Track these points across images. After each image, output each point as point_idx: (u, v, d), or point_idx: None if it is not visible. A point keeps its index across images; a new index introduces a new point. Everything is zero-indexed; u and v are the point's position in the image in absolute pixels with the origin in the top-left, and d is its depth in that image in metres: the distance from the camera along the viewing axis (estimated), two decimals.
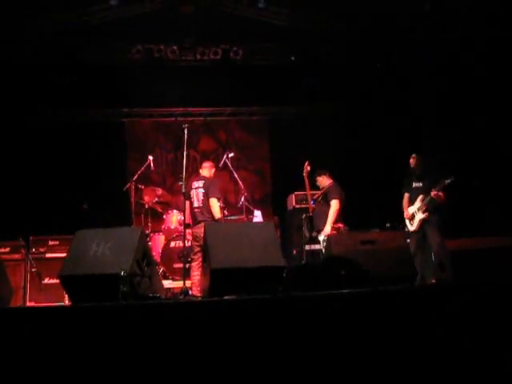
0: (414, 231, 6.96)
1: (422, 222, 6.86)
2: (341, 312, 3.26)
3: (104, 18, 8.95)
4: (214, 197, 7.02)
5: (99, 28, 9.02)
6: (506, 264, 4.67)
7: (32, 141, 9.62)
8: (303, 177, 7.38)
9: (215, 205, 7.00)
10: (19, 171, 9.32)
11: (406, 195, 7.24)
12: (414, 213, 6.96)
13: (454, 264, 4.75)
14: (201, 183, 7.20)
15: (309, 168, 7.37)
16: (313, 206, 7.48)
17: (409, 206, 7.11)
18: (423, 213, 6.83)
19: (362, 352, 3.15)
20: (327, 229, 7.05)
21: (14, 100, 9.39)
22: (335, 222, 7.20)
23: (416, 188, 7.08)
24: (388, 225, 8.25)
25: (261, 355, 3.09)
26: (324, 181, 7.55)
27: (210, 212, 6.99)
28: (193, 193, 7.17)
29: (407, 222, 7.11)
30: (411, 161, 7.22)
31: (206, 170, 7.42)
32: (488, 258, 4.70)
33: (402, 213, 7.21)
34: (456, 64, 8.37)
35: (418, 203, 6.92)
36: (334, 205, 7.20)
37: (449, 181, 6.64)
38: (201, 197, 7.10)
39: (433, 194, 6.71)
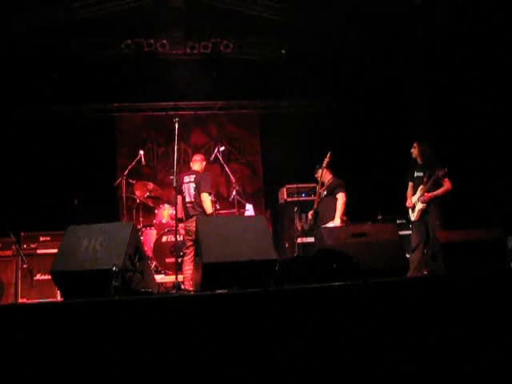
0: (415, 221, 6.95)
1: (423, 212, 6.87)
2: (333, 304, 3.27)
3: (93, 13, 8.89)
4: (205, 192, 7.01)
5: (89, 22, 8.96)
6: (495, 255, 4.72)
7: (22, 136, 9.58)
8: (324, 167, 7.30)
9: (207, 199, 6.98)
10: (9, 167, 9.27)
11: (410, 184, 7.17)
12: (415, 202, 6.96)
13: (446, 255, 4.79)
14: (192, 177, 7.18)
15: (328, 160, 7.31)
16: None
17: (413, 196, 7.08)
18: (422, 203, 6.83)
19: (354, 344, 3.17)
20: (337, 221, 7.01)
21: (3, 95, 9.33)
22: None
23: (418, 177, 7.02)
24: (380, 217, 8.28)
25: (254, 348, 3.10)
26: (325, 174, 7.49)
27: (201, 206, 6.98)
28: (184, 187, 7.15)
29: (410, 211, 7.10)
30: (412, 150, 7.17)
31: (197, 163, 7.40)
32: (478, 250, 4.74)
33: (405, 202, 7.18)
34: (448, 57, 8.40)
35: (418, 193, 6.91)
36: (341, 197, 7.13)
37: (442, 172, 6.67)
38: (192, 191, 7.08)
39: (421, 199, 6.81)
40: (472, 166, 7.84)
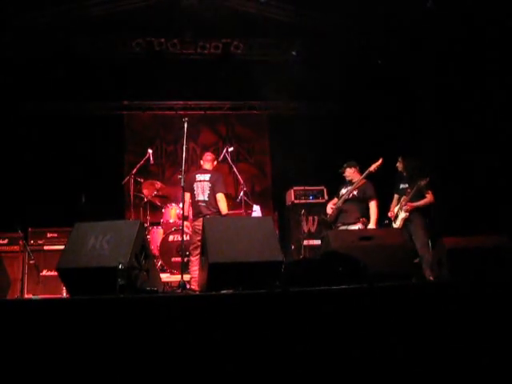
0: None
1: (405, 221, 7.04)
2: (338, 308, 3.27)
3: (105, 10, 8.93)
4: (221, 192, 6.95)
5: (100, 20, 9.00)
6: (501, 263, 4.70)
7: (31, 133, 9.62)
8: (369, 171, 7.27)
9: (223, 200, 6.91)
10: (19, 163, 9.32)
11: (396, 196, 7.44)
12: (398, 212, 7.17)
13: (452, 262, 4.77)
14: (207, 177, 7.08)
15: (379, 165, 7.28)
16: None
17: (396, 207, 7.28)
18: (405, 212, 6.96)
19: (358, 348, 3.16)
20: (373, 226, 7.11)
21: (12, 91, 9.38)
22: (361, 216, 7.20)
23: (403, 189, 7.27)
24: (386, 222, 8.28)
25: (257, 349, 3.10)
26: (354, 174, 7.47)
27: (215, 206, 6.91)
28: (197, 185, 7.02)
29: (392, 221, 7.29)
30: (398, 164, 7.43)
31: (209, 163, 7.30)
32: (484, 257, 4.72)
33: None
34: (461, 62, 8.36)
35: (402, 203, 7.10)
36: (375, 205, 7.22)
37: (424, 182, 6.87)
38: (207, 191, 6.96)
39: (404, 208, 7.02)
40: (480, 171, 7.81)
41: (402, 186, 7.31)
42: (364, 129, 9.95)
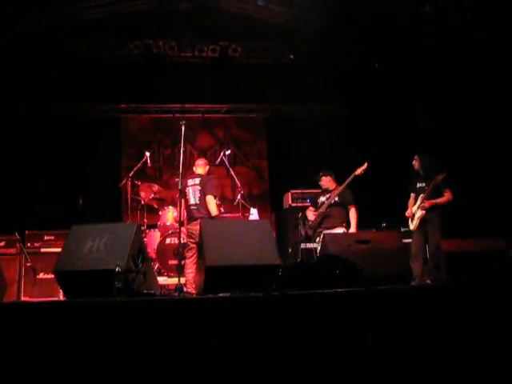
0: (415, 230, 6.98)
1: (423, 220, 6.88)
2: (335, 311, 3.27)
3: (104, 13, 8.95)
4: (210, 194, 7.00)
5: (98, 23, 9.01)
6: (498, 266, 4.70)
7: (28, 135, 9.61)
8: (355, 174, 7.25)
9: (212, 202, 6.97)
10: (16, 166, 9.30)
11: (412, 195, 7.23)
12: (415, 211, 6.99)
13: (449, 265, 4.78)
14: (197, 180, 7.17)
15: (364, 170, 7.28)
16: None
17: (413, 206, 7.13)
18: (422, 210, 6.85)
19: (356, 350, 3.16)
20: (354, 231, 7.14)
21: (11, 92, 9.37)
22: (344, 221, 7.28)
23: (420, 188, 7.08)
24: (384, 225, 8.27)
25: (254, 352, 3.09)
26: (330, 182, 7.54)
27: (206, 209, 6.97)
28: (188, 190, 7.12)
29: (409, 220, 7.14)
30: (414, 162, 7.24)
31: (201, 168, 7.38)
32: (481, 260, 4.73)
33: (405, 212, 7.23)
34: (458, 64, 8.38)
35: (419, 201, 6.94)
36: (354, 211, 7.26)
37: (441, 177, 6.71)
38: (198, 194, 7.05)
39: (422, 206, 6.86)
40: (477, 175, 7.82)
41: (418, 184, 7.12)
42: (362, 131, 9.96)
